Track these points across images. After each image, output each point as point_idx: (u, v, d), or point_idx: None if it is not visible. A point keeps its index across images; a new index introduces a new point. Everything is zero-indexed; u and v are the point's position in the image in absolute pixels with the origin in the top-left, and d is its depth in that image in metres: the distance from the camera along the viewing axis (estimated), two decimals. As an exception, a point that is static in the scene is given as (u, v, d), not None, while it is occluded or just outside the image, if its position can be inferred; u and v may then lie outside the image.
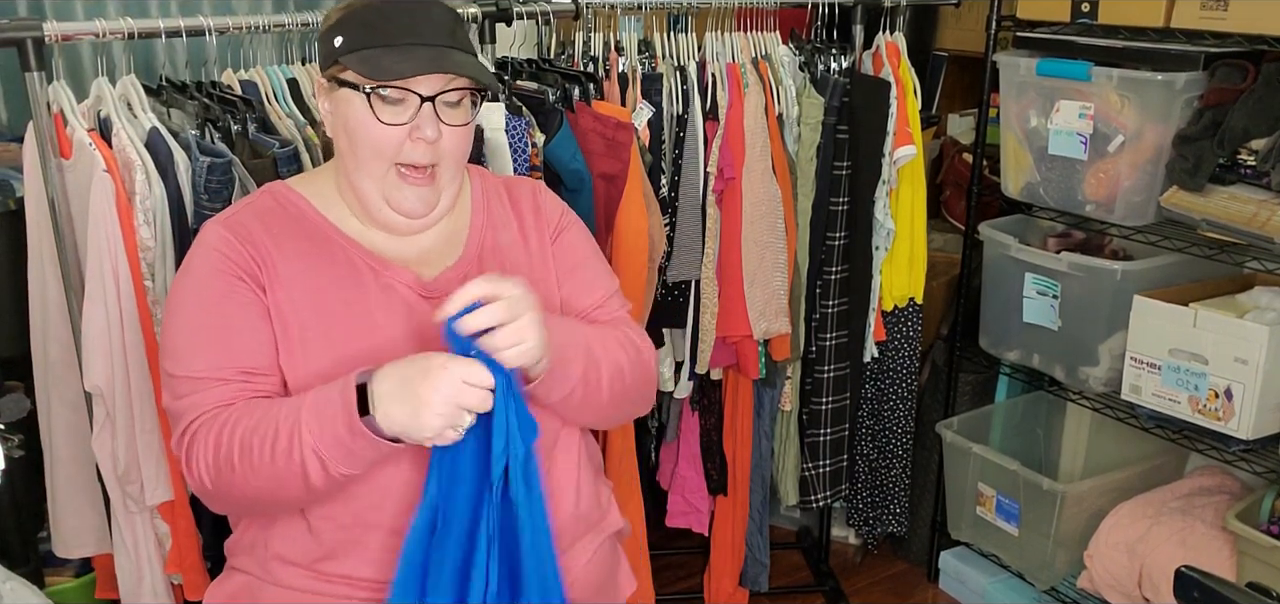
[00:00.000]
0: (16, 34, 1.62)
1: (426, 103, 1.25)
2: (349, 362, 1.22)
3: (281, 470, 1.18)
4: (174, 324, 1.29)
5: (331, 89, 1.30)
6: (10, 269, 1.93)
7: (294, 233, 1.33)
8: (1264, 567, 2.05)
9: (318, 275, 1.31)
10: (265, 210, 1.35)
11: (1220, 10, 2.06)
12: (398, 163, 1.28)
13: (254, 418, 1.20)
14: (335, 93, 1.29)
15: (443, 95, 1.26)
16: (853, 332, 2.50)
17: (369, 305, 1.30)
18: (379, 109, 1.25)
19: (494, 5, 2.05)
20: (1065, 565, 2.52)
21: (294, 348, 1.27)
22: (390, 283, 1.32)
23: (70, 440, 1.85)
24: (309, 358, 1.27)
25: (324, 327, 1.28)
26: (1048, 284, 2.41)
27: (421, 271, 1.35)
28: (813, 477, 2.58)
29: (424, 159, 1.28)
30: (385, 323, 1.30)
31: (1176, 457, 2.57)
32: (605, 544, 1.47)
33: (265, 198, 1.37)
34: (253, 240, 1.30)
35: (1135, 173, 2.21)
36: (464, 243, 1.40)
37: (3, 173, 2.08)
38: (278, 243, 1.31)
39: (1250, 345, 2.00)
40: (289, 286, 1.29)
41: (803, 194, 2.35)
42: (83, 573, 2.25)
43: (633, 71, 2.20)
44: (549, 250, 1.45)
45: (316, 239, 1.33)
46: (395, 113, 1.25)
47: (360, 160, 1.29)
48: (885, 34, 2.46)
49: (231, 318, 1.26)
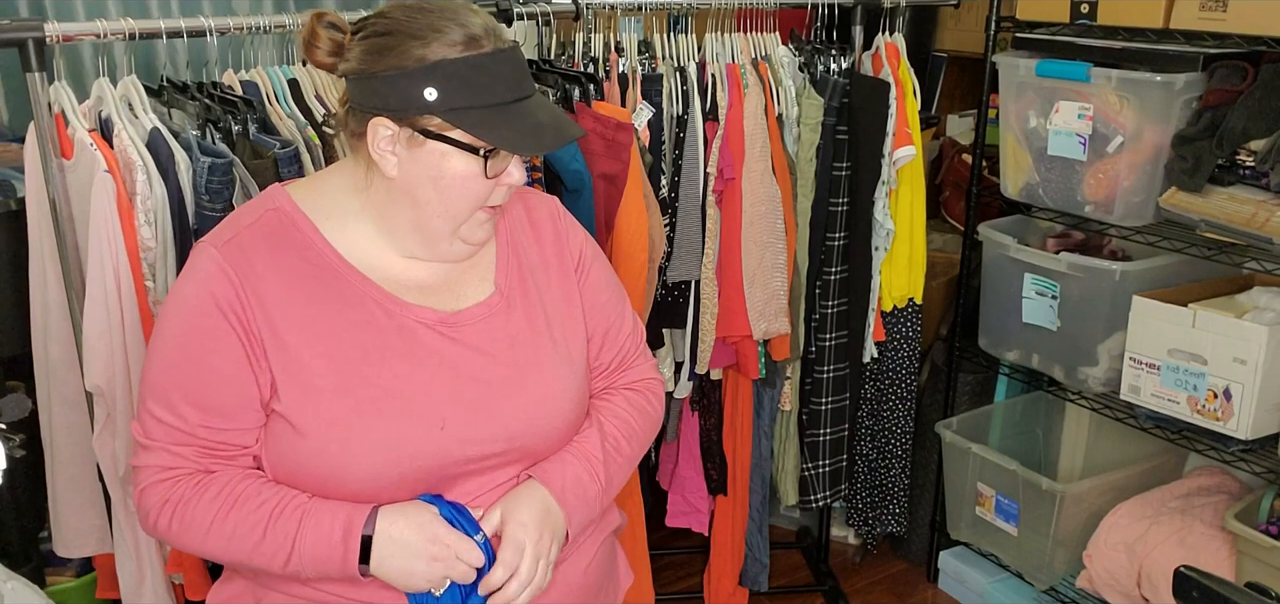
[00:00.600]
0: (18, 34, 1.62)
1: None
2: (366, 410, 1.22)
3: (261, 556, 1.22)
4: (156, 352, 1.24)
5: (413, 139, 1.20)
6: (11, 269, 1.93)
7: (300, 269, 1.25)
8: (1263, 566, 2.06)
9: (330, 319, 1.24)
10: (270, 234, 1.26)
11: (1219, 11, 2.07)
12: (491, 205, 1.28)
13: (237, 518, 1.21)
14: (422, 144, 1.21)
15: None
16: (852, 332, 2.51)
17: (386, 352, 1.25)
18: (485, 162, 1.22)
19: (494, 6, 2.06)
20: (1064, 565, 2.52)
21: (306, 396, 1.22)
22: (407, 324, 1.27)
23: (71, 440, 1.85)
24: (321, 407, 1.22)
25: (339, 377, 1.23)
26: (1047, 284, 2.41)
27: (443, 301, 1.31)
28: (812, 477, 2.59)
29: (503, 200, 1.29)
30: (405, 371, 1.25)
31: (1175, 457, 2.57)
32: (605, 542, 1.47)
33: (269, 218, 1.28)
34: (251, 275, 1.22)
35: (1134, 173, 2.21)
36: (493, 270, 1.36)
37: (4, 173, 2.09)
38: (284, 280, 1.24)
39: (1249, 346, 2.00)
40: (300, 331, 1.23)
41: (802, 194, 2.35)
42: (84, 573, 2.25)
43: (633, 72, 2.20)
44: (575, 284, 1.41)
45: (326, 277, 1.26)
46: (497, 165, 1.24)
47: (451, 211, 1.25)
48: (885, 34, 2.47)
49: (215, 370, 1.22)
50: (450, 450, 1.25)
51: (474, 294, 1.33)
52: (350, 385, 1.23)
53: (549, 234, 1.43)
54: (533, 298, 1.37)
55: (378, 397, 1.23)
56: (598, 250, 1.50)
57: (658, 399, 1.50)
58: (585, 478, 1.34)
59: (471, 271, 1.35)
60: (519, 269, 1.38)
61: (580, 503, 1.33)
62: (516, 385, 1.30)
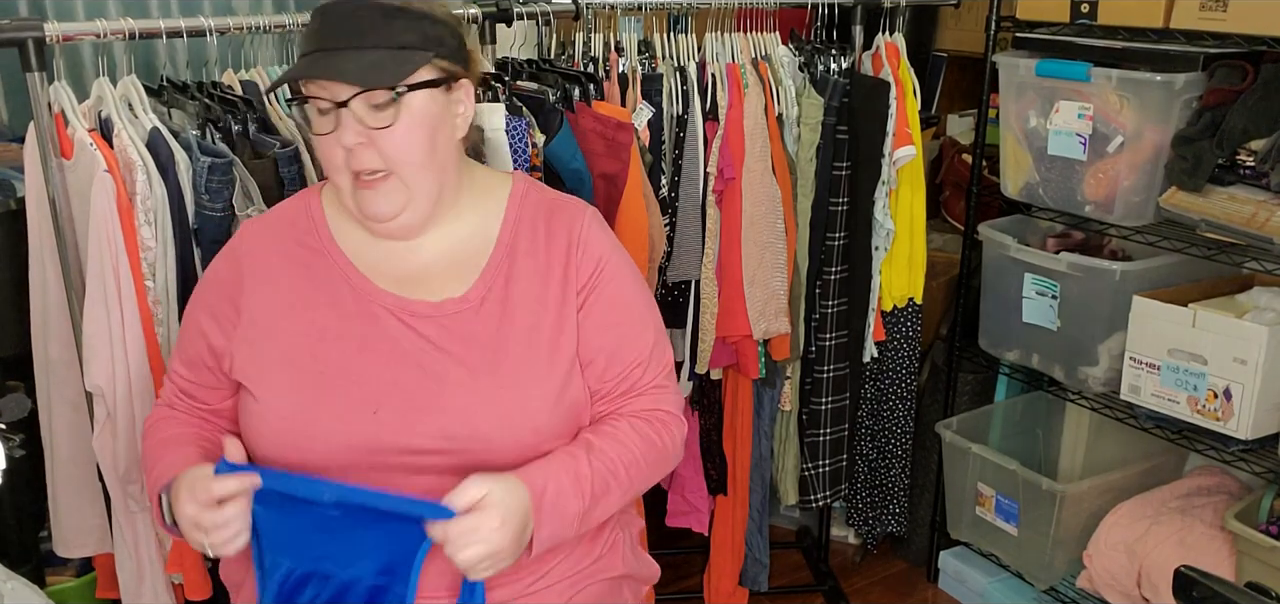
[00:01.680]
0: (17, 34, 1.62)
1: (340, 108, 1.23)
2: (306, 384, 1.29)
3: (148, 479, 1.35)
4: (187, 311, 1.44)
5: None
6: (11, 269, 1.93)
7: (298, 255, 1.36)
8: (1263, 566, 2.06)
9: (303, 298, 1.33)
10: (293, 218, 1.39)
11: (1219, 11, 2.07)
12: (352, 170, 1.27)
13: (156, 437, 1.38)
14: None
15: (362, 97, 1.23)
16: (852, 332, 2.51)
17: (344, 334, 1.31)
18: (313, 119, 1.26)
19: (494, 5, 2.06)
20: (1064, 565, 2.52)
21: (260, 369, 1.32)
22: (372, 308, 1.32)
23: (71, 440, 1.85)
24: (270, 378, 1.31)
25: (293, 352, 1.31)
26: (1047, 284, 2.41)
27: (413, 290, 1.32)
28: (812, 476, 2.58)
29: (367, 164, 1.26)
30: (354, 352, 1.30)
31: (1176, 457, 2.57)
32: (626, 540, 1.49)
33: (300, 201, 1.42)
34: (255, 252, 1.37)
35: (1134, 173, 2.21)
36: (479, 271, 1.35)
37: (4, 173, 2.09)
38: (282, 261, 1.35)
39: (1249, 345, 2.00)
40: (274, 306, 1.34)
41: (802, 194, 2.35)
42: (83, 573, 2.25)
43: (633, 72, 2.20)
44: (573, 299, 1.36)
45: (314, 260, 1.35)
46: (325, 122, 1.25)
47: (326, 172, 1.31)
48: (885, 34, 2.46)
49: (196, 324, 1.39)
50: (383, 437, 1.26)
51: (448, 290, 1.33)
52: (301, 361, 1.30)
53: (561, 244, 1.37)
54: (514, 306, 1.33)
55: (322, 373, 1.28)
56: (624, 267, 1.42)
57: (670, 433, 1.40)
58: (569, 493, 1.26)
59: (455, 268, 1.35)
60: (508, 275, 1.35)
61: (555, 517, 1.25)
62: (468, 388, 1.28)
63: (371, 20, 1.24)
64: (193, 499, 1.21)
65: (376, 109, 1.24)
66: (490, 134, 1.86)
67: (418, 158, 1.27)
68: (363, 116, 1.23)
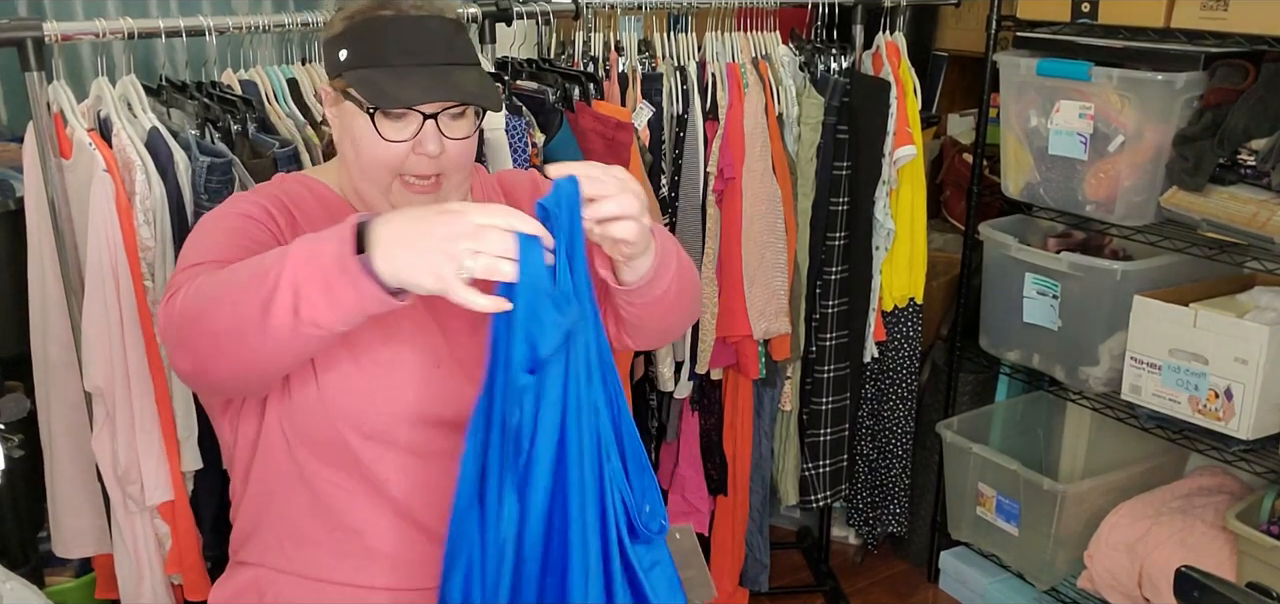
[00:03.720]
0: (16, 34, 1.62)
1: (428, 120, 1.24)
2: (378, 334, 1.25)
3: (249, 295, 1.07)
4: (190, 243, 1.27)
5: (337, 99, 1.29)
6: (10, 269, 1.93)
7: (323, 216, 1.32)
8: (1264, 567, 2.05)
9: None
10: (295, 195, 1.34)
11: (1220, 10, 2.06)
12: (402, 174, 1.28)
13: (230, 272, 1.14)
14: (341, 103, 1.28)
15: (445, 109, 1.25)
16: (853, 332, 2.50)
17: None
18: (382, 127, 1.24)
19: (494, 5, 2.05)
20: (1065, 565, 2.52)
21: None
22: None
23: (70, 440, 1.85)
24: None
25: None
26: (1048, 284, 2.41)
27: None
28: (813, 476, 2.58)
29: (429, 170, 1.27)
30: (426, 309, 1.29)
31: (1176, 457, 2.57)
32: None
33: (290, 183, 1.37)
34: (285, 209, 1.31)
35: (1135, 173, 2.21)
36: None
37: (3, 173, 2.08)
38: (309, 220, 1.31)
39: (1250, 345, 2.00)
40: None
41: (803, 194, 2.35)
42: (83, 573, 2.24)
43: (633, 71, 2.20)
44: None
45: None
46: (398, 129, 1.25)
47: (365, 171, 1.28)
48: (885, 34, 2.46)
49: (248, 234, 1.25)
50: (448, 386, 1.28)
51: None
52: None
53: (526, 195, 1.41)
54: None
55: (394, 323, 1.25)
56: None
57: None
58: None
59: None
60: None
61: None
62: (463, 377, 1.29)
63: (445, 34, 1.26)
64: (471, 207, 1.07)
65: (456, 120, 1.27)
66: (490, 134, 1.86)
67: (466, 165, 1.32)
68: (445, 127, 1.26)
